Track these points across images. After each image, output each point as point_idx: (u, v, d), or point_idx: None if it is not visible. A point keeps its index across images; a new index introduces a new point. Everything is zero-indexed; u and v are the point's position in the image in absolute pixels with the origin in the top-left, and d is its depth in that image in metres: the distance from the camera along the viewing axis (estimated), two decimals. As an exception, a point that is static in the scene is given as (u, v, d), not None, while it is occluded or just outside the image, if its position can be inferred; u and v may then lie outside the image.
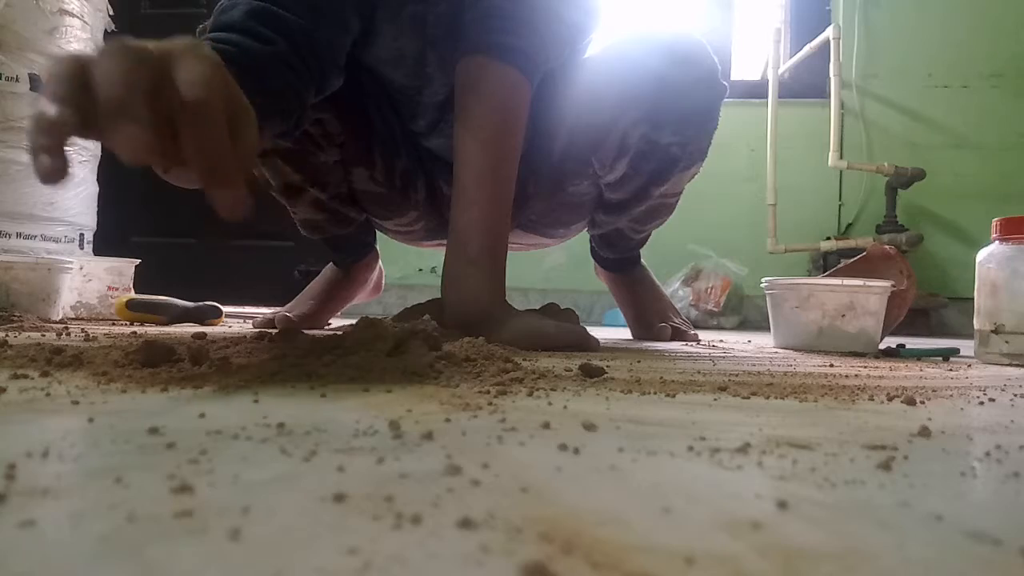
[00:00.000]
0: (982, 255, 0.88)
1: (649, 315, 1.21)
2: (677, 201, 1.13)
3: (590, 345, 0.78)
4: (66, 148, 0.38)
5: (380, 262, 1.27)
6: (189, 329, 1.02)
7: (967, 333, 1.05)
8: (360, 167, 1.02)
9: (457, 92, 0.82)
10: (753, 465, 0.26)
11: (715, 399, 0.43)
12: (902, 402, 0.44)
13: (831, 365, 0.74)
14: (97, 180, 1.84)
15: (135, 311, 1.12)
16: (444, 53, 0.89)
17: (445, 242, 0.81)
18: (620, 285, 1.26)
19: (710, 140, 1.01)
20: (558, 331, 0.76)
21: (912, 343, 1.12)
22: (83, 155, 1.75)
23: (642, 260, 1.27)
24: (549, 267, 2.50)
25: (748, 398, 0.43)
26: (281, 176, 1.04)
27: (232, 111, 0.43)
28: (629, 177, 1.00)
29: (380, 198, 1.06)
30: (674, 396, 0.43)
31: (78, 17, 1.71)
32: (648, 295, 1.24)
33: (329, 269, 1.22)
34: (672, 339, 1.15)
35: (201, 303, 1.17)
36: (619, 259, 1.24)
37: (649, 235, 1.20)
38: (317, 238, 1.17)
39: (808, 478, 0.24)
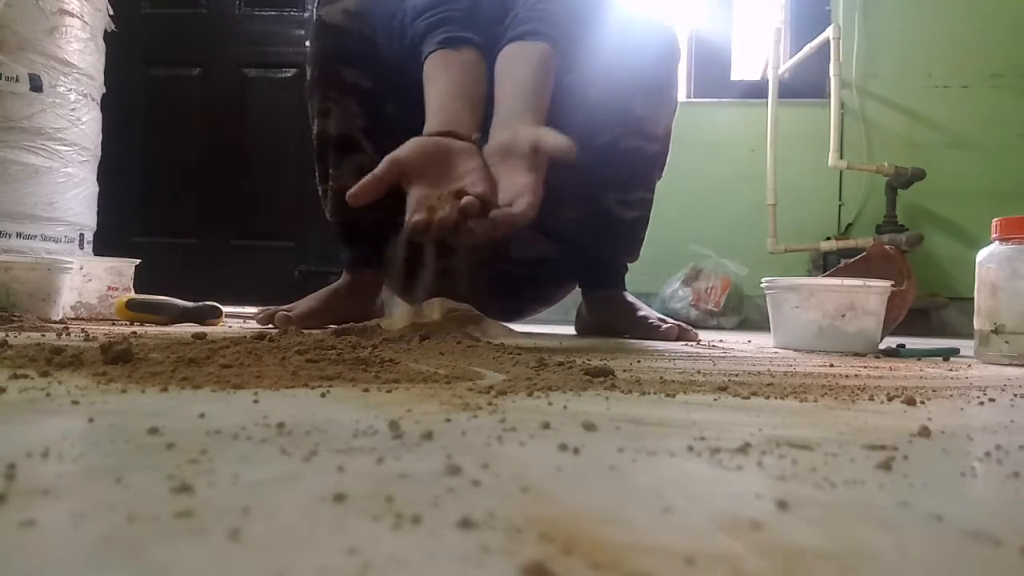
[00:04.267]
0: (982, 255, 0.88)
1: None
2: (658, 155, 1.17)
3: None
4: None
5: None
6: (189, 329, 1.02)
7: (967, 333, 1.05)
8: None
9: (497, 70, 0.92)
10: (753, 465, 0.26)
11: (715, 399, 0.43)
12: (902, 402, 0.44)
13: (831, 365, 0.74)
14: (97, 180, 1.84)
15: (135, 311, 1.12)
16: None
17: (448, 264, 0.90)
18: (599, 308, 1.25)
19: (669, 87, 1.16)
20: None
21: (912, 343, 1.12)
22: (83, 155, 1.75)
23: (627, 293, 1.26)
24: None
25: (748, 398, 0.43)
26: (346, 121, 1.11)
27: None
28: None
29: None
30: (674, 396, 0.43)
31: (78, 17, 1.71)
32: (625, 313, 1.22)
33: (337, 282, 1.22)
34: (677, 339, 1.15)
35: (201, 303, 1.17)
36: (606, 269, 1.23)
37: (639, 234, 1.20)
38: (341, 221, 1.17)
39: (808, 478, 0.24)
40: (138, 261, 1.31)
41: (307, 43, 1.16)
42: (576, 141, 1.04)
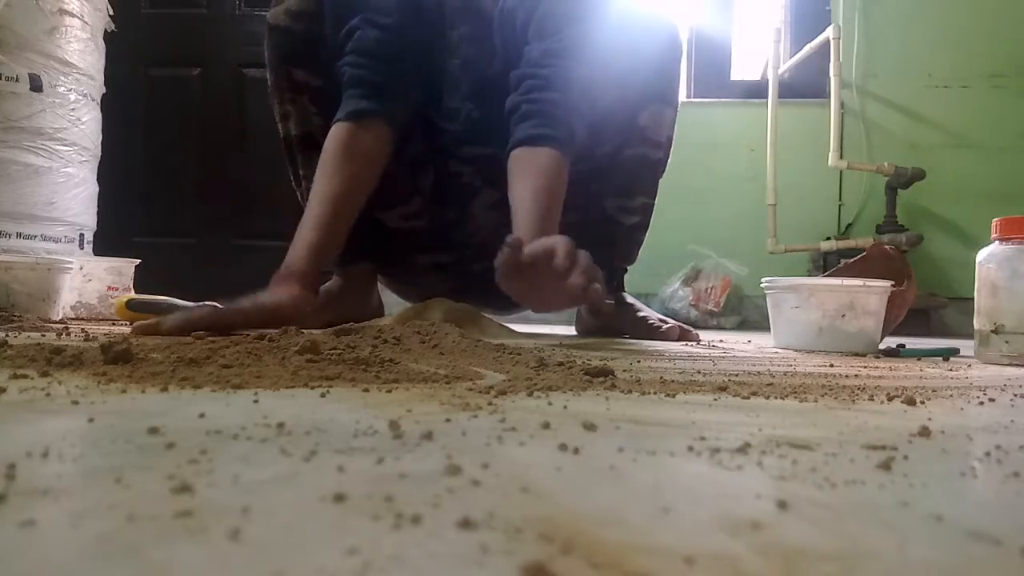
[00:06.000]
0: (982, 255, 0.88)
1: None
2: (660, 161, 1.17)
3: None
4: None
5: (380, 291, 1.26)
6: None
7: (967, 333, 1.05)
8: None
9: (510, 176, 0.94)
10: (753, 465, 0.26)
11: (715, 399, 0.43)
12: (902, 402, 0.44)
13: (831, 365, 0.74)
14: (97, 180, 1.84)
15: (135, 311, 1.12)
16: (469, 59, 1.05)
17: (442, 261, 0.91)
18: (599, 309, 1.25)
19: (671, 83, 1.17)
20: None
21: (912, 343, 1.12)
22: (83, 155, 1.74)
23: (627, 294, 1.26)
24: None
25: (748, 398, 0.43)
26: (305, 121, 1.11)
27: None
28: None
29: (386, 176, 1.05)
30: (674, 396, 0.43)
31: (78, 17, 1.71)
32: (625, 313, 1.22)
33: (330, 282, 1.21)
34: (678, 339, 1.15)
35: (201, 303, 1.17)
36: (604, 273, 1.23)
37: (638, 238, 1.20)
38: None
39: (808, 478, 0.24)
40: (138, 261, 1.31)
41: None
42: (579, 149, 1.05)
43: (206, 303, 1.18)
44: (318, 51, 1.06)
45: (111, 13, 1.86)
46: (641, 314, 1.19)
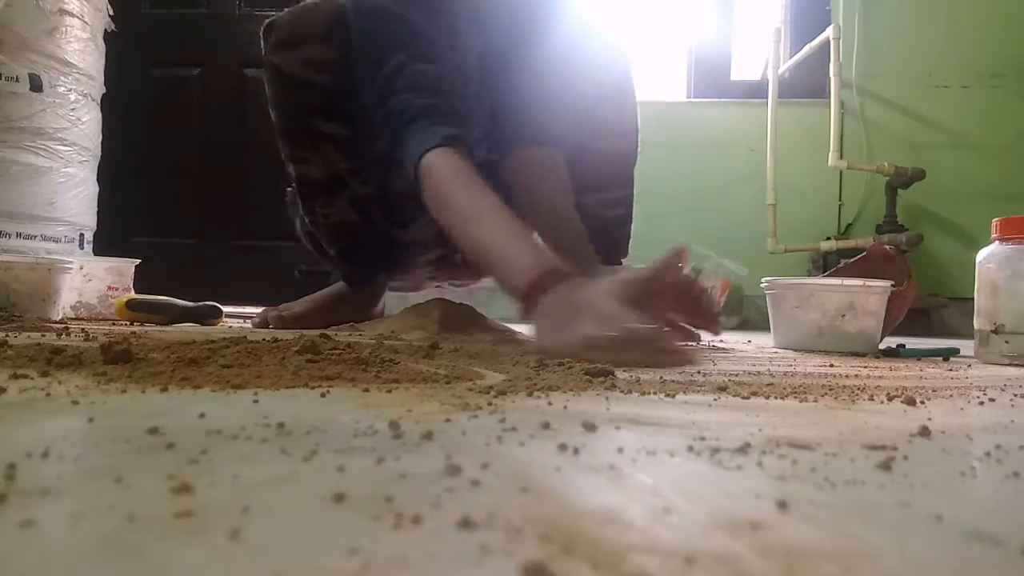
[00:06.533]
0: (982, 255, 0.88)
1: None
2: (629, 151, 1.20)
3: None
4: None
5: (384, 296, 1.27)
6: (189, 329, 1.02)
7: (967, 333, 1.05)
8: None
9: (529, 181, 1.05)
10: (753, 465, 0.26)
11: (715, 399, 0.43)
12: (902, 402, 0.44)
13: (831, 365, 0.74)
14: (97, 180, 1.84)
15: (135, 311, 1.12)
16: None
17: (442, 256, 0.97)
18: None
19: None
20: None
21: (912, 343, 1.12)
22: (83, 155, 1.74)
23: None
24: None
25: (748, 398, 0.43)
26: (329, 166, 1.08)
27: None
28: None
29: (404, 196, 1.05)
30: (674, 396, 0.43)
31: (78, 17, 1.71)
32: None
33: (337, 284, 1.22)
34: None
35: (201, 303, 1.17)
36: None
37: (626, 231, 1.21)
38: (341, 247, 1.16)
39: (808, 478, 0.24)
40: (138, 261, 1.31)
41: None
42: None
43: (207, 303, 1.18)
44: (347, 102, 1.02)
45: (111, 13, 1.86)
46: None
